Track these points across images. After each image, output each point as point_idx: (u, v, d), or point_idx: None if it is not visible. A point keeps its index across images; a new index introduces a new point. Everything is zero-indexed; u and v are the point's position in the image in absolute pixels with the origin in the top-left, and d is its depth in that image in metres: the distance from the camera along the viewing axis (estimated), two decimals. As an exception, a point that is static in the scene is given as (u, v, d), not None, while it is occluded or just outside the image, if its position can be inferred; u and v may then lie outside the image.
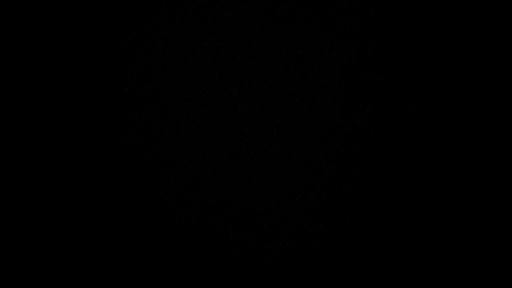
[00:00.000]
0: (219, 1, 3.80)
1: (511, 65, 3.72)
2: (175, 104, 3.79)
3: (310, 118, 3.77)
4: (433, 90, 3.74)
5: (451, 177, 3.71)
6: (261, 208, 3.77)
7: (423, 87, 3.74)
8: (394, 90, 3.75)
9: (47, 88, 3.77)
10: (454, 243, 3.69)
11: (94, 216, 3.74)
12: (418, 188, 3.72)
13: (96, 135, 3.77)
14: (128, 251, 3.73)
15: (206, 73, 3.80)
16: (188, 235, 3.76)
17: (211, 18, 3.81)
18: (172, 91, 3.79)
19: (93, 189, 3.75)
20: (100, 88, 3.78)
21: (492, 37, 3.74)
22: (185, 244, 3.75)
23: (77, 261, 3.72)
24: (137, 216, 3.75)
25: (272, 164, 3.78)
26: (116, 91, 3.78)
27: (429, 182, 3.71)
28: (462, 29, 3.74)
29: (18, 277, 3.73)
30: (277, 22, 3.80)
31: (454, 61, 3.74)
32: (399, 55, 3.76)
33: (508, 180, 3.68)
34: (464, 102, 3.73)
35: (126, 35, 3.79)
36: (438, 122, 3.73)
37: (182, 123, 3.79)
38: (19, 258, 3.73)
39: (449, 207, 3.70)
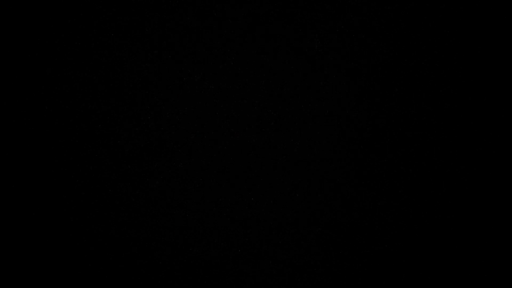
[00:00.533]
0: (220, 0, 3.80)
1: (511, 65, 3.72)
2: (176, 104, 3.79)
3: (311, 119, 3.77)
4: (435, 90, 3.74)
5: (452, 178, 3.71)
6: (262, 208, 3.77)
7: (425, 87, 3.74)
8: (396, 90, 3.75)
9: (47, 88, 3.77)
10: (454, 243, 3.69)
11: (94, 216, 3.74)
12: (421, 188, 3.72)
13: (96, 135, 3.77)
14: (128, 251, 3.73)
15: (208, 73, 3.80)
16: (189, 235, 3.76)
17: (211, 17, 3.81)
18: (174, 90, 3.79)
19: (93, 189, 3.75)
20: (100, 88, 3.78)
21: (492, 37, 3.74)
22: (185, 245, 3.75)
23: (77, 261, 3.72)
24: (138, 216, 3.75)
25: (272, 164, 3.78)
26: (116, 91, 3.78)
27: (432, 183, 3.71)
28: (462, 29, 3.75)
29: (18, 277, 3.73)
30: (277, 21, 3.80)
31: (455, 62, 3.74)
32: (401, 55, 3.76)
33: (508, 180, 3.68)
34: (465, 102, 3.73)
35: (126, 35, 3.79)
36: (440, 122, 3.73)
37: (183, 123, 3.79)
38: (19, 258, 3.73)
39: (450, 208, 3.70)
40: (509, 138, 3.70)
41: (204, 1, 3.81)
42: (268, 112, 3.79)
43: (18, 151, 3.75)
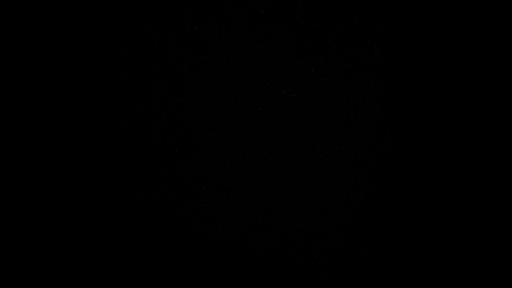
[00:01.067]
0: (220, 0, 3.81)
1: (511, 65, 3.72)
2: (175, 104, 3.79)
3: (311, 119, 3.77)
4: (435, 91, 3.74)
5: (452, 178, 3.71)
6: (262, 208, 3.77)
7: (426, 88, 3.74)
8: (397, 90, 3.75)
9: (47, 88, 3.77)
10: (454, 244, 3.69)
11: (94, 216, 3.74)
12: (422, 189, 3.72)
13: (96, 135, 3.77)
14: (128, 251, 3.73)
15: (207, 73, 3.81)
16: (188, 236, 3.76)
17: (211, 18, 3.81)
18: (173, 90, 3.79)
19: (93, 189, 3.75)
20: (100, 88, 3.79)
21: (492, 37, 3.74)
22: (185, 245, 3.75)
23: (77, 261, 3.73)
24: (138, 217, 3.76)
25: (272, 164, 3.78)
26: (116, 92, 3.79)
27: (433, 183, 3.71)
28: (462, 29, 3.75)
29: (18, 277, 3.73)
30: (277, 21, 3.80)
31: (455, 62, 3.74)
32: (403, 55, 3.76)
33: (508, 180, 3.68)
34: (465, 102, 3.73)
35: (126, 35, 3.80)
36: (440, 123, 3.73)
37: (182, 123, 3.79)
38: (19, 258, 3.73)
39: (450, 208, 3.70)
40: (509, 138, 3.70)
41: (204, 1, 3.81)
42: (268, 112, 3.79)
43: (18, 151, 3.76)
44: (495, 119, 3.71)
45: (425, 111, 3.73)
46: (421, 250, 3.69)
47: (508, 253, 3.66)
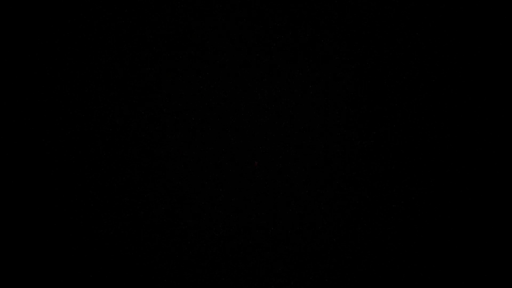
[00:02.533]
0: (219, 1, 3.81)
1: (511, 65, 3.72)
2: (175, 104, 3.80)
3: (309, 119, 3.78)
4: (435, 91, 3.74)
5: (452, 178, 3.71)
6: (259, 208, 3.77)
7: (425, 88, 3.75)
8: (394, 91, 3.75)
9: (47, 88, 3.78)
10: (454, 243, 3.69)
11: (94, 216, 3.75)
12: (418, 188, 3.72)
13: (96, 135, 3.78)
14: (128, 251, 3.74)
15: (206, 73, 3.81)
16: (188, 236, 3.76)
17: (211, 17, 3.82)
18: (172, 90, 3.80)
19: (93, 189, 3.76)
20: (100, 88, 3.79)
21: (492, 37, 3.74)
22: (184, 245, 3.76)
23: (77, 261, 3.73)
24: (137, 216, 3.76)
25: (270, 164, 3.79)
26: (116, 91, 3.79)
27: (430, 183, 3.71)
28: (462, 29, 3.75)
29: (18, 277, 3.73)
30: (276, 21, 3.81)
31: (455, 62, 3.74)
32: (400, 55, 3.76)
33: (508, 180, 3.68)
34: (465, 102, 3.73)
35: (126, 35, 3.80)
36: (439, 123, 3.73)
37: (182, 123, 3.79)
38: (19, 258, 3.74)
39: (449, 207, 3.71)
40: (509, 138, 3.70)
41: (205, 1, 3.82)
42: (266, 112, 3.80)
43: (18, 151, 3.76)
44: (495, 119, 3.72)
45: (424, 112, 3.73)
46: (414, 251, 3.69)
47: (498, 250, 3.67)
